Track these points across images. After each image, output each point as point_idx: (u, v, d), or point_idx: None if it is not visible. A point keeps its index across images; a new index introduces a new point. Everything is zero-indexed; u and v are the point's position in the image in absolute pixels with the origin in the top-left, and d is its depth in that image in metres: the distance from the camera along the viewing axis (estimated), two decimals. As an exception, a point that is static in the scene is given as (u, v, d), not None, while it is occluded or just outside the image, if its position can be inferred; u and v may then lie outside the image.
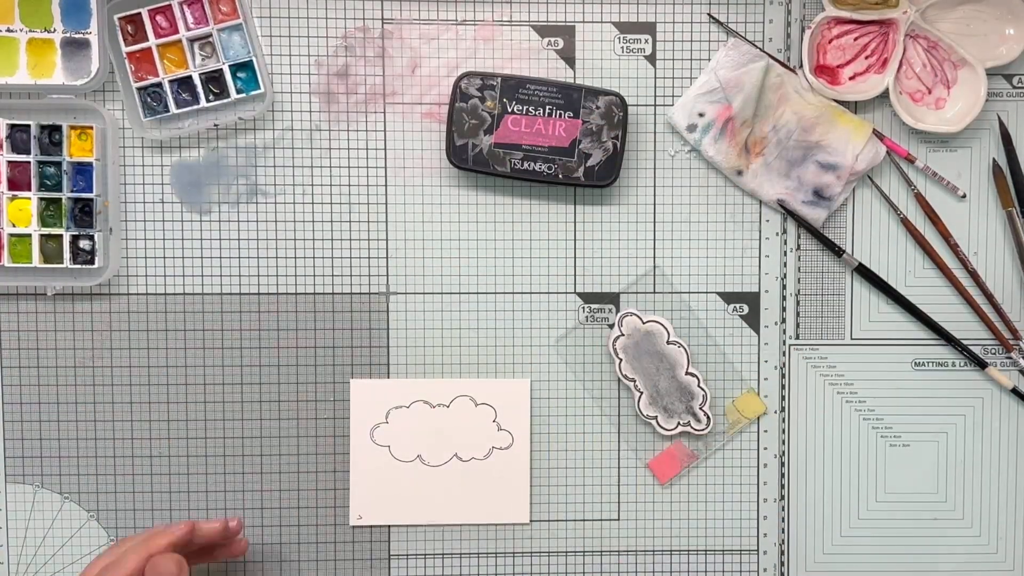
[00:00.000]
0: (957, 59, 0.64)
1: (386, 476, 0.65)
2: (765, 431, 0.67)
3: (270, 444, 0.66)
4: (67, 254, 0.63)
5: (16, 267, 0.63)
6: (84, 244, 0.63)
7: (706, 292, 0.66)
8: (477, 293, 0.66)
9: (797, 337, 0.67)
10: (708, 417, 0.65)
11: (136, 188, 0.65)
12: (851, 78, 0.65)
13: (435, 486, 0.65)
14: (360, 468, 0.65)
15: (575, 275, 0.66)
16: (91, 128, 0.63)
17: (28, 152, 0.62)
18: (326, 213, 0.65)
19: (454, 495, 0.65)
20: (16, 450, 0.65)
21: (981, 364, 0.66)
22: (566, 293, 0.66)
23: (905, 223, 0.66)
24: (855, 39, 0.65)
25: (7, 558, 0.66)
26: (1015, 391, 0.67)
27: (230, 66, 0.63)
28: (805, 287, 0.66)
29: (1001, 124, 0.66)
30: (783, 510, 0.67)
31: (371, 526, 0.66)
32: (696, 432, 0.65)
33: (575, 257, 0.66)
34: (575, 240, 0.66)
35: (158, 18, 0.63)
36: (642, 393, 0.65)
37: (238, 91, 0.63)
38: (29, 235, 0.63)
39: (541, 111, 0.62)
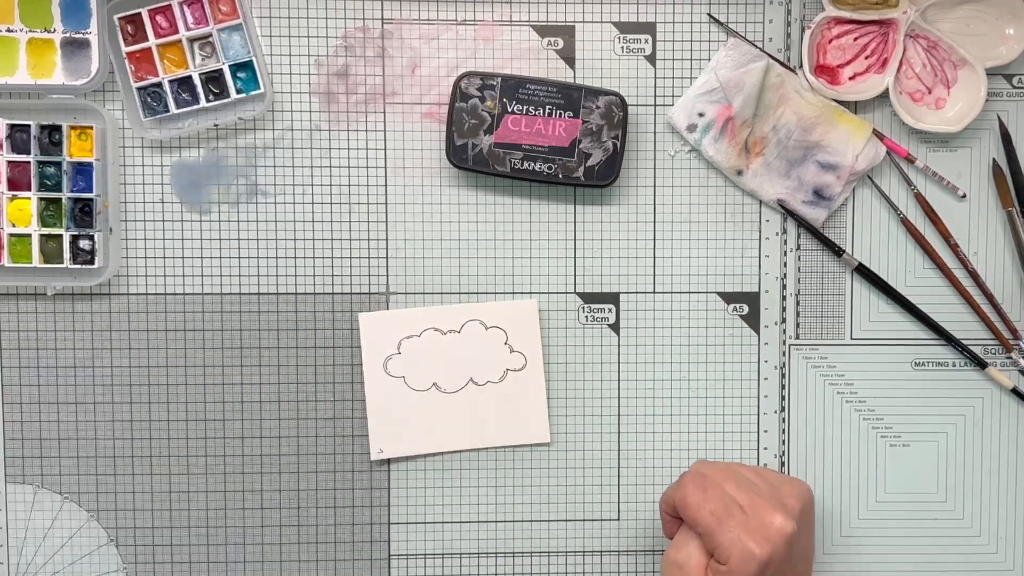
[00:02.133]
0: (957, 59, 0.64)
1: (403, 407, 0.65)
2: (765, 431, 0.67)
3: (270, 444, 0.66)
4: (67, 254, 0.63)
5: (16, 267, 0.63)
6: (84, 244, 0.63)
7: (706, 292, 0.66)
8: (477, 293, 0.66)
9: (797, 337, 0.67)
10: None
11: (136, 188, 0.65)
12: (851, 78, 0.65)
13: (453, 413, 0.65)
14: (376, 401, 0.65)
15: (575, 275, 0.66)
16: (91, 128, 0.63)
17: (28, 152, 0.62)
18: (326, 213, 0.65)
19: (474, 420, 0.65)
20: (16, 450, 0.65)
21: (981, 364, 0.66)
22: (566, 293, 0.66)
23: (905, 223, 0.66)
24: (855, 39, 0.65)
25: (7, 558, 0.66)
26: (1015, 391, 0.67)
27: (230, 66, 0.63)
28: (805, 287, 0.66)
29: (1001, 124, 0.66)
30: (783, 510, 0.67)
31: (392, 459, 0.66)
32: None
33: (575, 257, 0.66)
34: (575, 240, 0.66)
35: (158, 18, 0.63)
36: None
37: (238, 91, 0.63)
38: (29, 235, 0.63)
39: (541, 111, 0.62)
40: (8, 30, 0.62)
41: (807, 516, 0.58)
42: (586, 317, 0.66)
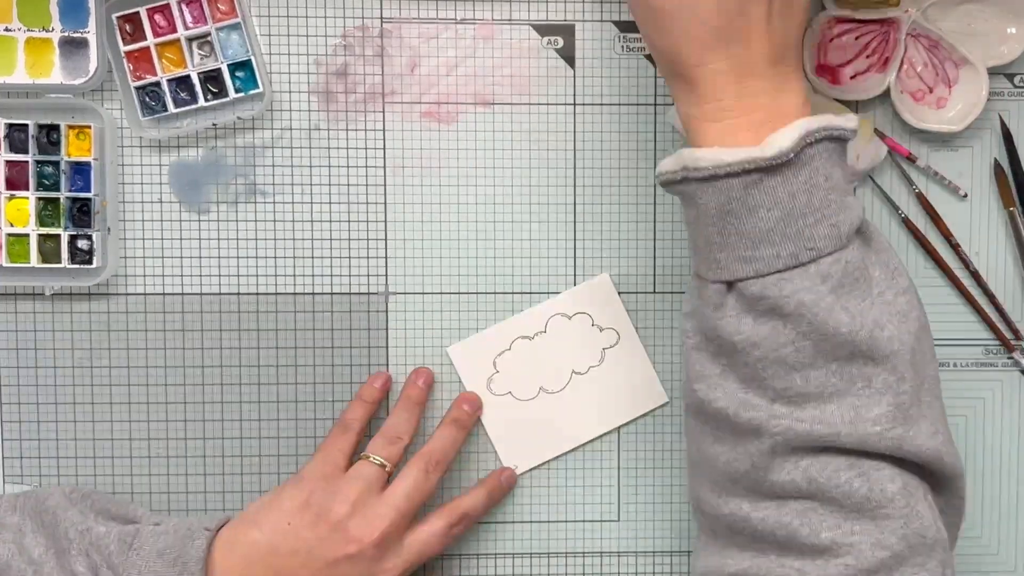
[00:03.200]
0: (958, 58, 0.64)
1: (520, 420, 0.65)
2: (765, 431, 0.67)
3: (269, 444, 0.66)
4: (65, 254, 0.62)
5: (14, 267, 0.63)
6: (82, 244, 0.63)
7: (706, 292, 0.66)
8: (477, 293, 0.66)
9: (798, 337, 0.66)
10: None
11: (134, 188, 0.65)
12: (852, 77, 0.65)
13: (568, 408, 0.66)
14: (494, 423, 0.65)
15: (575, 275, 0.66)
16: (89, 127, 0.62)
17: (26, 151, 0.62)
18: (325, 213, 0.65)
19: (591, 406, 0.66)
20: (15, 450, 0.65)
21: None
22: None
23: (906, 223, 0.66)
24: (856, 38, 0.64)
25: (6, 559, 0.65)
26: None
27: (228, 65, 0.63)
28: (806, 287, 0.66)
29: (1003, 123, 0.66)
30: (783, 511, 0.67)
31: (529, 471, 0.66)
32: None
33: (575, 257, 0.66)
34: (575, 240, 0.66)
35: (156, 17, 0.62)
36: None
37: (236, 90, 0.63)
38: (27, 235, 0.62)
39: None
40: (6, 29, 0.62)
41: None
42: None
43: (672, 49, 0.50)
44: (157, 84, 0.63)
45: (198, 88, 0.63)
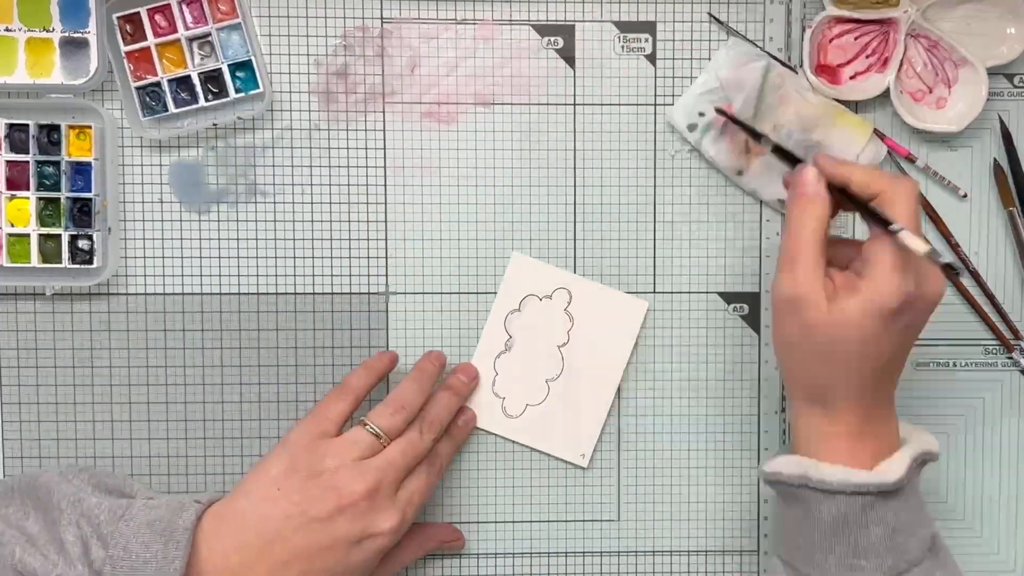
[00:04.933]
0: (958, 58, 0.64)
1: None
2: (765, 431, 0.67)
3: (270, 444, 0.66)
4: (66, 254, 0.63)
5: (14, 267, 0.63)
6: (83, 244, 0.63)
7: (706, 292, 0.66)
8: (477, 293, 0.66)
9: (797, 337, 0.66)
10: None
11: (135, 188, 0.65)
12: (852, 77, 0.65)
13: (569, 371, 0.66)
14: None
15: (575, 275, 0.66)
16: (90, 128, 0.62)
17: (27, 152, 0.62)
18: (325, 213, 0.65)
19: (591, 360, 0.66)
20: (15, 450, 0.65)
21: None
22: (566, 293, 0.66)
23: (906, 223, 0.66)
24: (856, 38, 0.64)
25: (6, 558, 0.65)
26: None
27: (229, 65, 0.63)
28: (805, 287, 0.66)
29: (1002, 123, 0.66)
30: (783, 510, 0.67)
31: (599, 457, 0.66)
32: None
33: (575, 257, 0.66)
34: (575, 240, 0.66)
35: (157, 17, 0.62)
36: None
37: (237, 91, 0.63)
38: (27, 235, 0.62)
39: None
40: (7, 29, 0.62)
41: None
42: (586, 317, 0.66)
43: (828, 382, 0.55)
44: (158, 84, 0.63)
45: (198, 88, 0.63)
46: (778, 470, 0.56)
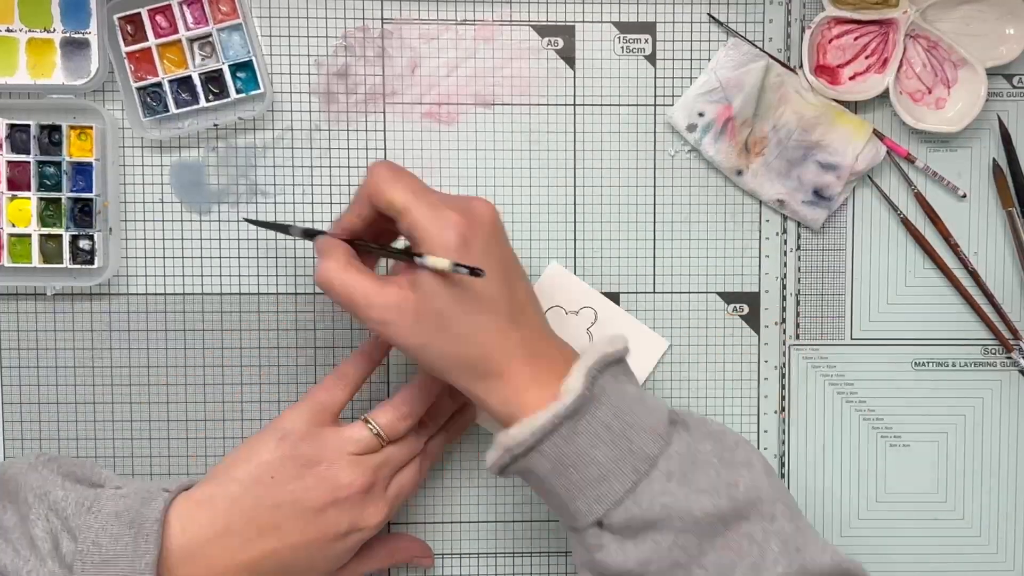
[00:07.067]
0: (957, 59, 0.64)
1: None
2: (765, 431, 0.67)
3: (270, 444, 0.66)
4: (67, 254, 0.63)
5: (16, 267, 0.63)
6: (84, 244, 0.63)
7: (706, 292, 0.66)
8: (477, 293, 0.66)
9: (797, 337, 0.67)
10: None
11: (136, 188, 0.65)
12: (851, 78, 0.65)
13: None
14: None
15: (575, 275, 0.66)
16: (91, 128, 0.63)
17: (28, 152, 0.62)
18: (326, 213, 0.65)
19: None
20: (16, 450, 0.65)
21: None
22: (566, 293, 0.66)
23: (905, 223, 0.66)
24: (855, 39, 0.65)
25: (7, 558, 0.65)
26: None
27: (230, 66, 0.63)
28: (805, 287, 0.66)
29: (1001, 124, 0.66)
30: (783, 510, 0.67)
31: None
32: None
33: (575, 257, 0.66)
34: (575, 240, 0.66)
35: (158, 18, 0.63)
36: None
37: (238, 91, 0.63)
38: (29, 235, 0.62)
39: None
40: (8, 30, 0.62)
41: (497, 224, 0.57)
42: (586, 317, 0.66)
43: (477, 353, 0.53)
44: (158, 85, 0.63)
45: (199, 89, 0.63)
46: (490, 462, 0.54)
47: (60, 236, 0.62)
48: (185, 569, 0.54)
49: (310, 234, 0.58)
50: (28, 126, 0.62)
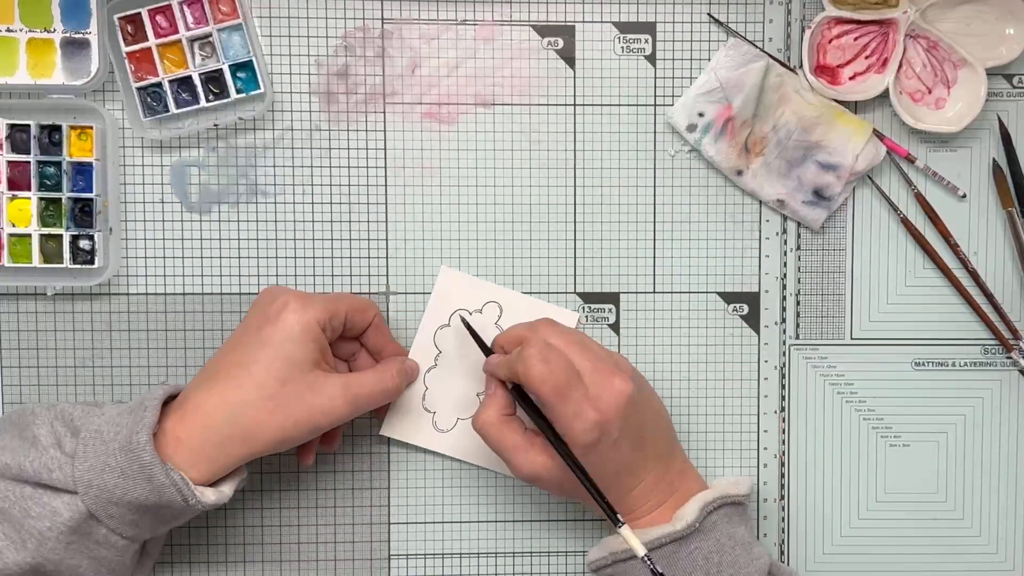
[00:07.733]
0: (957, 59, 0.64)
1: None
2: (765, 431, 0.67)
3: (270, 444, 0.66)
4: (67, 254, 0.63)
5: (16, 267, 0.63)
6: (84, 244, 0.63)
7: (706, 292, 0.66)
8: (477, 293, 0.66)
9: (797, 337, 0.67)
10: None
11: (136, 188, 0.65)
12: (851, 78, 0.65)
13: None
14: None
15: (575, 275, 0.66)
16: (91, 128, 0.63)
17: (28, 152, 0.62)
18: (326, 213, 0.65)
19: None
20: (16, 450, 0.65)
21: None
22: (566, 293, 0.66)
23: (905, 223, 0.66)
24: (855, 39, 0.65)
25: (7, 558, 0.65)
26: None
27: (230, 66, 0.63)
28: (805, 287, 0.66)
29: (1001, 124, 0.66)
30: (783, 510, 0.67)
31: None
32: None
33: (575, 257, 0.66)
34: (575, 240, 0.66)
35: (158, 18, 0.63)
36: None
37: (238, 91, 0.63)
38: (29, 235, 0.63)
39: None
40: (8, 30, 0.62)
41: (639, 377, 0.62)
42: (586, 317, 0.66)
43: (613, 471, 0.59)
44: (159, 85, 0.63)
45: (199, 89, 0.63)
46: (591, 558, 0.62)
47: (60, 236, 0.63)
48: (180, 421, 0.56)
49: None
50: (28, 126, 0.62)
